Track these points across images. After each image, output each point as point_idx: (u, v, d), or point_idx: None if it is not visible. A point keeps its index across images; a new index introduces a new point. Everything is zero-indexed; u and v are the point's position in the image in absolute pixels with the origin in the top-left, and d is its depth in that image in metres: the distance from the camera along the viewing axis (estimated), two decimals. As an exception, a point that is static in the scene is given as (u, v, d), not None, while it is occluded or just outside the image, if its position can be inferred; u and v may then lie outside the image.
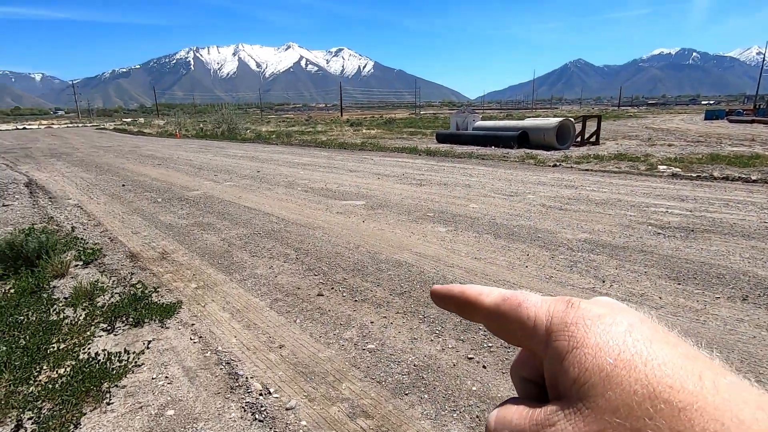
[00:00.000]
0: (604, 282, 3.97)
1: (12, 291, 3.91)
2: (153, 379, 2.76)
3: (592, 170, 10.45)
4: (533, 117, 33.93)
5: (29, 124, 71.12)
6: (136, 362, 2.91)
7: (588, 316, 0.25)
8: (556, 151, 14.81)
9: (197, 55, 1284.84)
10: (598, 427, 0.20)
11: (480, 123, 20.61)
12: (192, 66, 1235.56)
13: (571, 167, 11.05)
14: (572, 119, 16.06)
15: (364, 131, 29.43)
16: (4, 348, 2.97)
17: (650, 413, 0.19)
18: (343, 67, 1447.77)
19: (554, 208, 6.72)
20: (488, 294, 0.29)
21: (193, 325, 3.43)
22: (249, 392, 2.61)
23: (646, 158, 11.89)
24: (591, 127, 16.81)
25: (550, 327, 0.25)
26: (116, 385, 2.68)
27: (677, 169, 9.91)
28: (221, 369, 2.85)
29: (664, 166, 10.41)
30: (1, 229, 6.18)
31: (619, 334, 0.23)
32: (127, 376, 2.78)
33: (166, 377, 2.77)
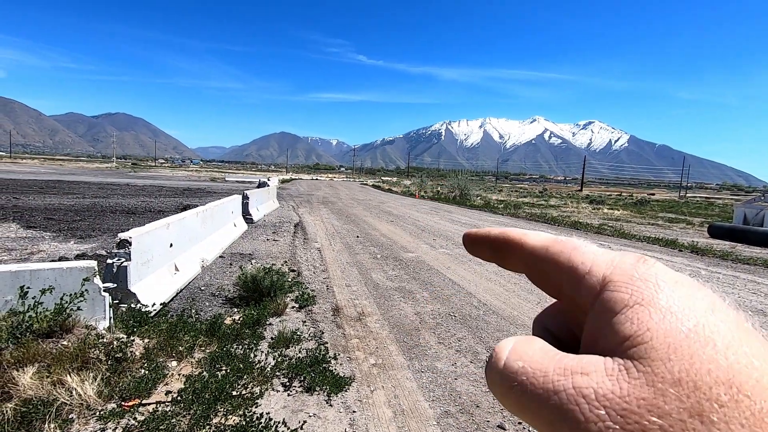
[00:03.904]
0: None
1: (239, 320, 4.58)
2: (293, 469, 2.52)
3: None
4: None
5: (320, 176, 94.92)
6: (287, 439, 2.76)
7: (663, 277, 0.21)
8: None
9: (449, 127, 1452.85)
10: (648, 394, 0.17)
11: (788, 219, 15.01)
12: (442, 136, 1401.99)
13: None
14: None
15: (605, 211, 25.83)
16: (206, 375, 3.35)
17: (722, 401, 0.17)
18: (590, 140, 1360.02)
19: None
20: (535, 236, 0.27)
21: (354, 412, 3.12)
22: None
23: None
24: None
25: (610, 276, 0.22)
26: (261, 462, 2.55)
27: None
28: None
29: None
30: (264, 260, 7.73)
31: (699, 308, 0.20)
32: (275, 453, 2.63)
33: (305, 473, 2.49)
